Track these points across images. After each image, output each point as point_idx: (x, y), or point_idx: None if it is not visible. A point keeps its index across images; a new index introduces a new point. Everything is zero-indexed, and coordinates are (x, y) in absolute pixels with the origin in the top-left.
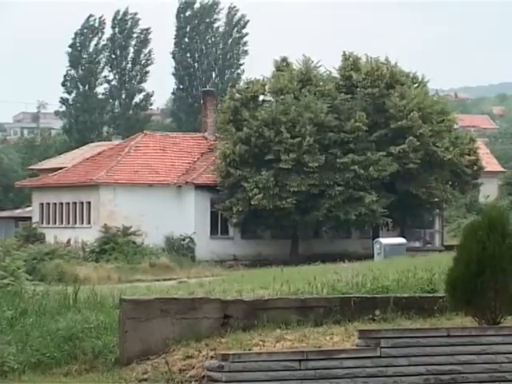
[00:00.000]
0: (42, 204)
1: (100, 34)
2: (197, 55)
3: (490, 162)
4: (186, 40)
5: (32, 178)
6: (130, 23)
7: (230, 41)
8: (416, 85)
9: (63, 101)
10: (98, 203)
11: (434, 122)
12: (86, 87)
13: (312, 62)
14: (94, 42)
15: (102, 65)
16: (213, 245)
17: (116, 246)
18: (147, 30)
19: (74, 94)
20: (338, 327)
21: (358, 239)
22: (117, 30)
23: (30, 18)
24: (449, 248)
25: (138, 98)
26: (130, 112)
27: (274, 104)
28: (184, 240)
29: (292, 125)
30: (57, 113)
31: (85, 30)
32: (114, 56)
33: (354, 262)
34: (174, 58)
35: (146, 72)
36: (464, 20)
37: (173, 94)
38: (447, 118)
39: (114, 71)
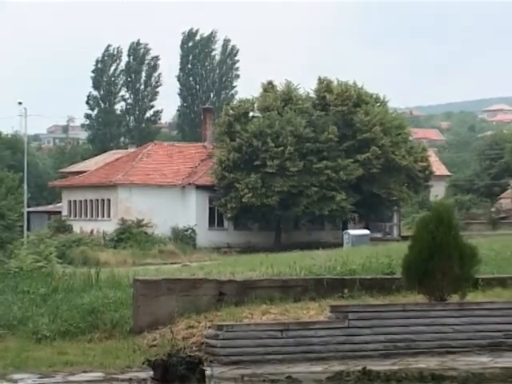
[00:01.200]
0: (70, 201)
1: (118, 61)
2: (198, 79)
3: (438, 168)
4: (189, 66)
5: (62, 179)
6: (142, 52)
7: (225, 67)
8: (378, 104)
9: (87, 116)
10: (116, 200)
11: (393, 135)
12: (107, 105)
13: (293, 84)
14: (112, 67)
15: (119, 86)
16: (210, 235)
17: (131, 235)
18: (156, 57)
19: (96, 111)
20: (313, 303)
21: (330, 231)
22: (131, 57)
23: (59, 43)
24: (405, 238)
25: (149, 113)
26: (143, 125)
27: (261, 119)
28: (187, 231)
29: (276, 136)
30: (83, 126)
31: (105, 58)
32: (129, 79)
33: (326, 250)
34: (179, 80)
35: (156, 92)
36: (417, 51)
37: (178, 110)
38: (403, 132)
39: (130, 91)
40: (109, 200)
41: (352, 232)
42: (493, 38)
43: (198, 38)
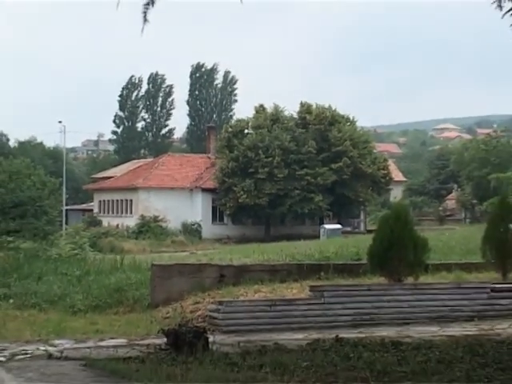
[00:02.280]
0: (100, 201)
1: (139, 88)
2: (203, 102)
3: (396, 175)
4: (196, 92)
5: (93, 183)
6: (159, 81)
7: (225, 93)
8: (348, 123)
9: (114, 132)
10: (137, 200)
11: (360, 148)
12: (130, 123)
13: (280, 107)
14: (135, 93)
15: (140, 108)
16: (213, 228)
17: (149, 228)
18: (171, 86)
19: (121, 128)
20: (296, 283)
21: (310, 225)
22: (150, 85)
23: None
24: (369, 231)
25: (164, 130)
26: (159, 140)
27: (254, 135)
28: (194, 225)
29: (266, 149)
30: (110, 140)
31: (129, 85)
32: (148, 103)
33: (307, 241)
34: (188, 104)
35: (170, 114)
36: (380, 79)
37: (187, 128)
38: (369, 145)
39: (148, 113)
40: (131, 200)
41: (327, 226)
42: (441, 68)
43: (203, 69)
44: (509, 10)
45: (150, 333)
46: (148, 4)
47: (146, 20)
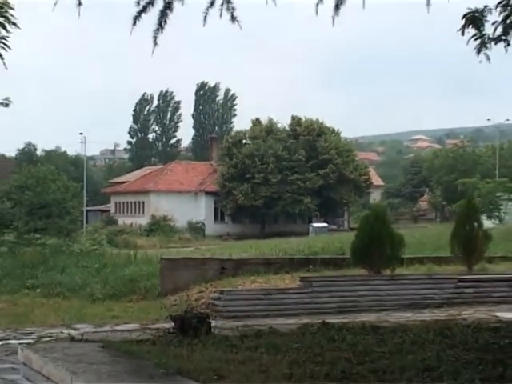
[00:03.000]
0: (116, 202)
1: (150, 104)
2: (206, 116)
3: (376, 180)
4: (201, 107)
5: (110, 187)
6: (168, 97)
7: (226, 108)
8: (334, 134)
9: (129, 142)
10: (148, 202)
11: (344, 156)
12: (142, 135)
13: (273, 120)
14: (147, 108)
15: (151, 122)
16: (215, 226)
17: (159, 227)
18: (178, 102)
19: (135, 139)
20: (288, 275)
21: (300, 224)
22: (160, 101)
23: (111, 90)
24: (352, 229)
25: (172, 141)
26: (168, 149)
27: (251, 145)
28: (198, 224)
29: (261, 157)
30: (125, 149)
31: (141, 101)
32: (158, 117)
33: (297, 238)
34: (193, 117)
35: (177, 126)
36: (361, 94)
37: (192, 139)
38: (351, 154)
39: (158, 126)
40: (143, 202)
41: (315, 225)
42: (414, 86)
43: (207, 87)
44: (472, 37)
45: (160, 318)
46: (158, 29)
47: (155, 43)
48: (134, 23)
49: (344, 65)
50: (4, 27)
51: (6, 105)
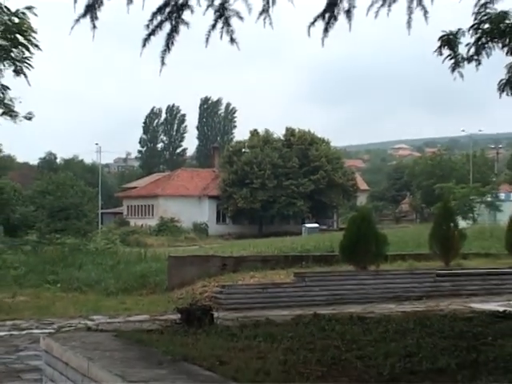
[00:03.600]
0: (128, 205)
1: (159, 117)
2: (209, 128)
3: (362, 185)
4: (204, 120)
5: (123, 191)
6: (175, 111)
7: (227, 120)
8: (324, 143)
9: (139, 151)
10: (157, 205)
11: (333, 163)
12: (151, 144)
13: (270, 131)
14: (155, 121)
15: (159, 133)
16: (217, 227)
17: (166, 227)
18: (184, 115)
19: (145, 148)
20: (283, 271)
21: (294, 225)
22: (168, 114)
23: (121, 101)
24: (341, 229)
25: (178, 150)
26: (174, 158)
27: (250, 153)
28: (202, 225)
29: (259, 164)
30: (136, 158)
31: (151, 115)
32: (166, 128)
33: (292, 237)
34: (197, 129)
35: (183, 137)
36: (348, 108)
37: (197, 148)
38: (340, 161)
39: (166, 136)
40: (152, 205)
41: (307, 225)
42: (396, 99)
43: (209, 102)
44: (447, 57)
45: (167, 310)
46: (165, 50)
47: (163, 63)
48: (144, 45)
49: (334, 81)
50: (27, 49)
51: (29, 118)
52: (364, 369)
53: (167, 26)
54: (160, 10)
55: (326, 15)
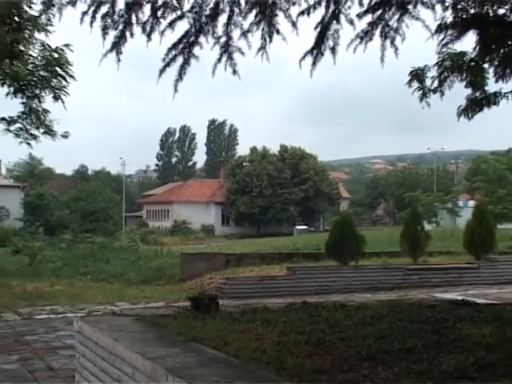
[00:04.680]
0: (147, 210)
1: (173, 135)
2: (216, 144)
3: (344, 193)
4: (211, 138)
5: (143, 198)
6: (187, 131)
7: (230, 139)
8: (312, 158)
9: (157, 165)
10: (172, 210)
11: (320, 175)
12: (167, 159)
13: (267, 148)
14: (170, 139)
15: (174, 149)
16: (222, 228)
17: (179, 229)
18: (194, 134)
19: (161, 162)
20: (277, 265)
21: (287, 227)
22: (181, 133)
23: (143, 122)
24: (326, 230)
25: (189, 163)
26: (186, 170)
27: (249, 166)
28: (209, 226)
29: (257, 176)
30: (154, 170)
31: (166, 134)
32: (179, 145)
33: (285, 237)
34: (206, 145)
35: (194, 152)
36: (330, 128)
37: (205, 162)
38: (325, 174)
39: (179, 152)
40: (168, 210)
41: (298, 227)
42: (372, 120)
43: (216, 123)
44: (416, 88)
45: (180, 298)
46: (177, 80)
47: (176, 90)
48: (160, 75)
49: (321, 105)
50: (65, 79)
51: (66, 137)
52: (345, 348)
53: (180, 59)
54: (174, 46)
55: (314, 51)
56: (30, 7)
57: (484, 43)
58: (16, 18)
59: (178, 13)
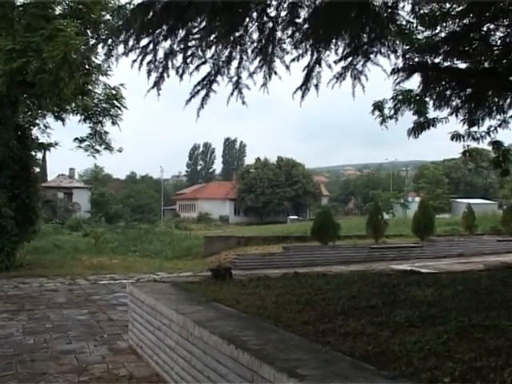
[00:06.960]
0: (180, 204)
1: (198, 149)
2: (230, 156)
3: (325, 192)
4: (226, 151)
5: (176, 196)
6: (208, 146)
7: (240, 152)
8: (301, 166)
9: (187, 171)
10: (197, 205)
11: (307, 178)
12: (194, 167)
13: (267, 158)
14: (196, 151)
15: (198, 159)
16: (235, 218)
17: (203, 218)
18: (214, 148)
19: (189, 169)
20: (275, 245)
21: (282, 217)
22: (204, 148)
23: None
24: (312, 219)
25: (210, 170)
26: (208, 175)
27: (255, 172)
28: (225, 217)
29: (260, 179)
30: (184, 175)
31: (193, 148)
32: (202, 156)
33: (281, 224)
34: (222, 157)
35: (213, 162)
36: (316, 144)
37: (222, 169)
38: (311, 177)
39: (203, 161)
40: (194, 204)
41: (291, 217)
42: (347, 136)
43: (229, 141)
44: (377, 115)
45: (203, 270)
46: (200, 108)
47: (198, 115)
48: (187, 103)
49: (310, 125)
50: (120, 109)
51: (120, 151)
52: (325, 306)
53: (202, 93)
54: (199, 83)
55: (303, 87)
56: (96, 57)
57: (425, 83)
58: (86, 66)
59: (202, 59)
